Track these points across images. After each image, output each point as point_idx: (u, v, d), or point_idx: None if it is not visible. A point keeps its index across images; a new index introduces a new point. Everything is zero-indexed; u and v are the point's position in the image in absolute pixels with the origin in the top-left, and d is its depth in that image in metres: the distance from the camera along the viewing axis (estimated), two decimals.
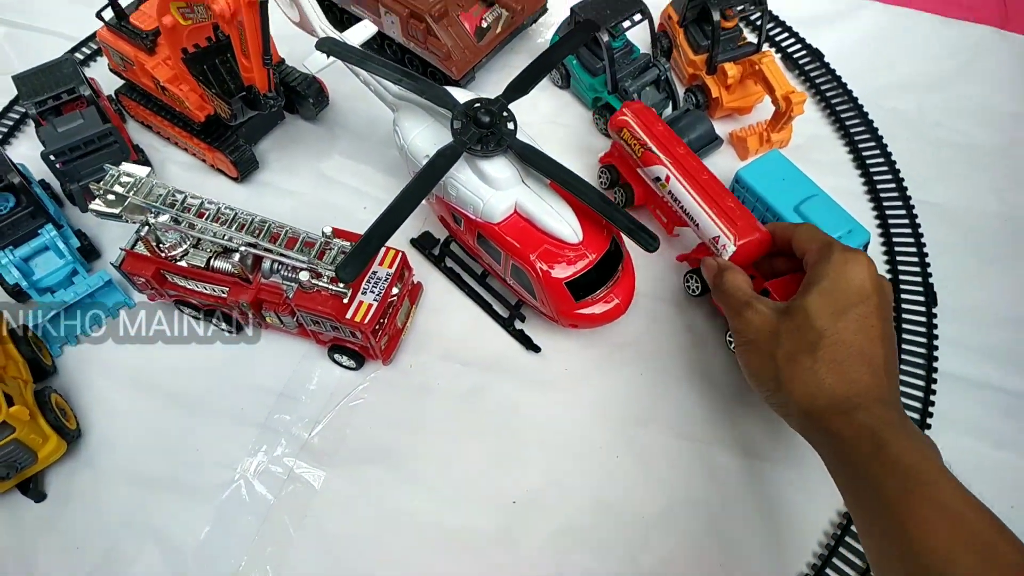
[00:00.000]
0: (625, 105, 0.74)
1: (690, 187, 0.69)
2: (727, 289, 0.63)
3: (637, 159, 0.73)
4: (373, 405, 0.71)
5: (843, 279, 0.56)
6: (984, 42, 0.94)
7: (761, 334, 0.58)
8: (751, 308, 0.60)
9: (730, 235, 0.66)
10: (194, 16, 0.71)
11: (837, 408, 0.53)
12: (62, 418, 0.68)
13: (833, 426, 0.53)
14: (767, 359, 0.57)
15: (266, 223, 0.67)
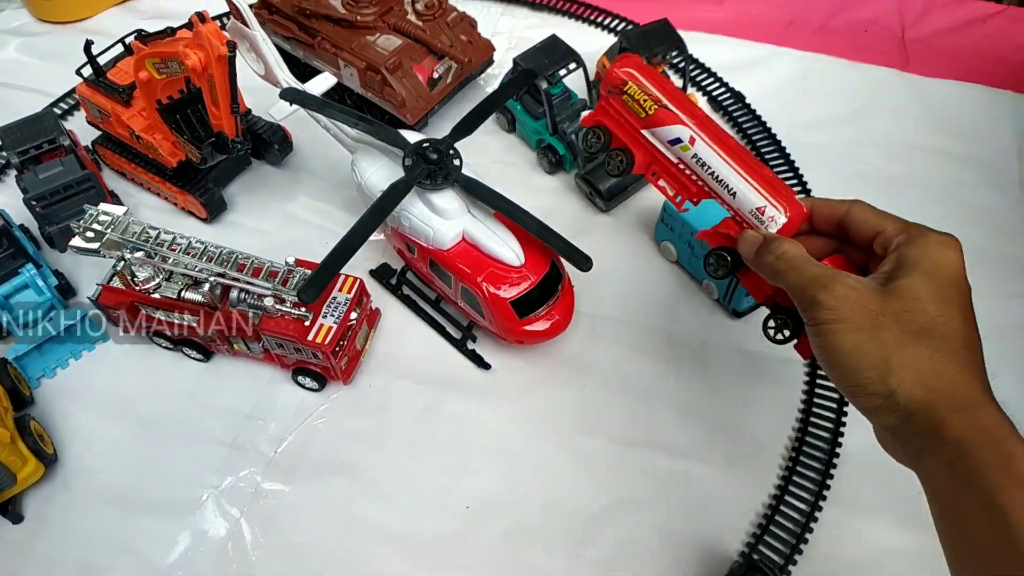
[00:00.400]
0: (623, 57, 0.62)
1: (723, 151, 0.59)
2: (792, 261, 0.52)
3: (645, 118, 0.61)
4: (335, 423, 0.77)
5: (945, 264, 0.49)
6: (886, 82, 1.04)
7: (860, 312, 0.47)
8: (841, 282, 0.48)
9: (779, 206, 0.56)
10: (168, 70, 0.78)
11: (958, 404, 0.44)
12: (40, 443, 0.72)
13: (950, 427, 0.43)
14: (872, 340, 0.46)
15: (233, 254, 0.73)
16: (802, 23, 1.11)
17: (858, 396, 0.48)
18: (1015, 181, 0.94)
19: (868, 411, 0.48)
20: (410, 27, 0.93)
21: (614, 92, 0.62)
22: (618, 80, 0.62)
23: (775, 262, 0.52)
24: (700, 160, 0.59)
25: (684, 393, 0.78)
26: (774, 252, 0.53)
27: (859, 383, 0.47)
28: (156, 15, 1.18)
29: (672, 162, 0.62)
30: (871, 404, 0.47)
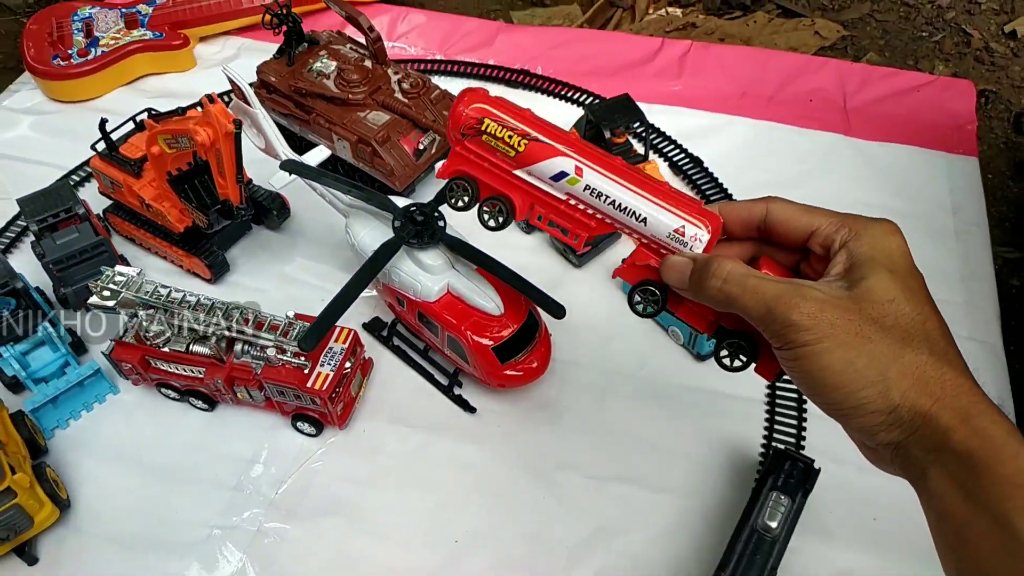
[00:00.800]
0: (467, 92, 0.55)
1: (618, 176, 0.52)
2: (743, 282, 0.45)
3: (515, 157, 0.54)
4: (332, 465, 0.82)
5: (899, 254, 0.45)
6: (832, 146, 1.14)
7: (841, 326, 0.42)
8: (809, 295, 0.43)
9: (698, 221, 0.51)
10: (178, 145, 0.86)
11: (962, 412, 0.40)
12: (55, 488, 0.77)
13: (957, 438, 0.40)
14: (863, 356, 0.41)
15: (238, 309, 0.80)
16: (753, 95, 1.22)
17: (855, 417, 0.43)
18: (951, 232, 1.04)
19: (866, 431, 0.43)
20: (397, 104, 1.03)
21: (469, 134, 0.55)
22: (471, 119, 0.54)
23: (723, 287, 0.46)
24: (594, 191, 0.53)
25: (655, 431, 0.84)
26: (718, 275, 0.46)
27: (857, 404, 0.42)
28: (160, 94, 1.27)
29: (560, 199, 0.55)
30: (871, 423, 0.42)
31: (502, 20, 1.44)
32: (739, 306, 0.46)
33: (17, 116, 1.25)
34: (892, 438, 0.42)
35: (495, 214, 0.59)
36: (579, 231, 0.56)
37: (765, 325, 0.44)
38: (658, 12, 1.46)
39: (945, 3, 1.44)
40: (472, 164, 0.57)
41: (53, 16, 1.29)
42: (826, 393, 0.43)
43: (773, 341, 0.45)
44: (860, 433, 0.44)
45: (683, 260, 0.50)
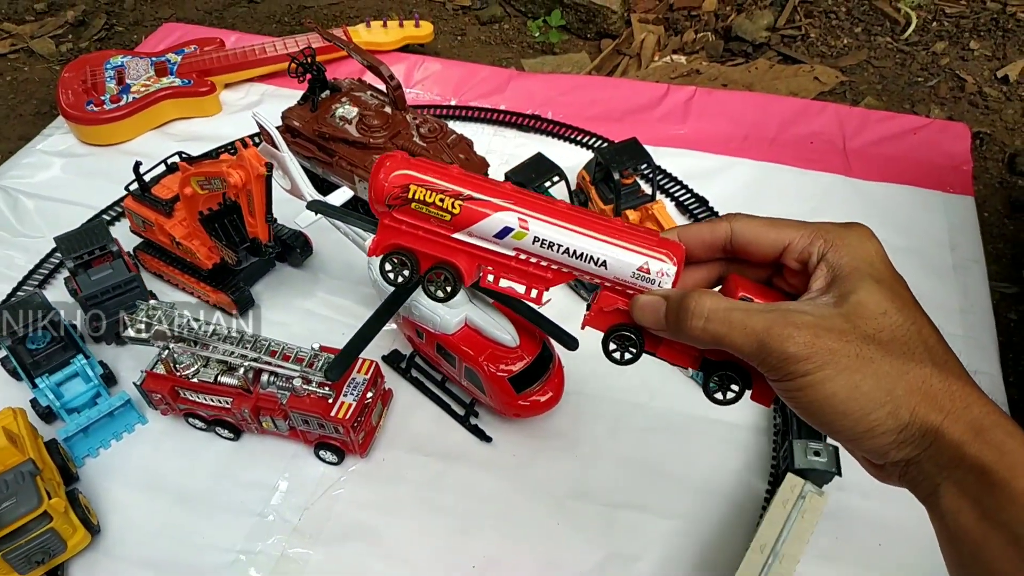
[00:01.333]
0: (383, 160, 0.51)
1: (567, 222, 0.49)
2: (727, 317, 0.42)
3: (451, 220, 0.50)
4: (353, 492, 0.85)
5: (879, 260, 0.43)
6: (832, 186, 1.19)
7: (840, 351, 0.40)
8: (800, 322, 0.40)
9: (663, 256, 0.48)
10: (210, 187, 0.91)
11: (975, 424, 0.39)
12: (87, 513, 0.80)
13: (971, 453, 0.38)
14: (868, 378, 0.39)
15: (266, 341, 0.83)
16: (756, 137, 1.27)
17: (866, 440, 0.40)
18: (949, 268, 1.07)
19: (876, 452, 0.41)
20: (415, 147, 1.08)
21: (396, 204, 0.51)
22: (394, 189, 0.50)
23: (707, 327, 0.43)
24: (544, 241, 0.49)
25: (665, 460, 0.87)
26: (698, 314, 0.43)
27: (867, 427, 0.40)
28: (186, 137, 1.33)
29: (508, 256, 0.51)
30: (881, 444, 0.40)
31: (514, 68, 1.51)
32: (727, 344, 0.42)
33: (50, 159, 1.31)
34: (903, 455, 0.40)
35: (441, 284, 0.53)
36: (535, 285, 0.52)
37: (759, 360, 0.42)
38: (663, 59, 1.52)
39: (939, 50, 1.49)
40: (405, 235, 0.52)
41: (87, 65, 1.36)
42: (834, 421, 0.40)
43: (769, 374, 0.42)
44: (870, 454, 0.42)
45: (654, 299, 0.47)
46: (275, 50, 1.39)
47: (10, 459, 0.76)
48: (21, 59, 1.64)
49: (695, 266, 0.50)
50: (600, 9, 1.54)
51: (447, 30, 1.63)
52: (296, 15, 1.71)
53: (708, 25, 1.59)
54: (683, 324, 0.44)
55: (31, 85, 1.56)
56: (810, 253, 0.45)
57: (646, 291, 0.48)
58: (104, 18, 1.74)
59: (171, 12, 1.75)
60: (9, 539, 0.73)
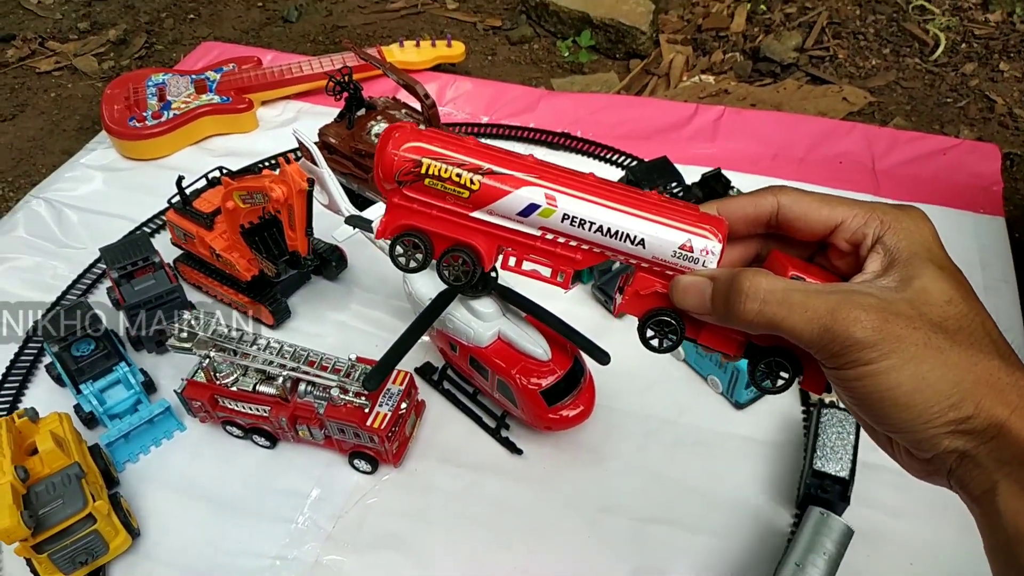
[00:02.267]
0: (391, 130, 0.46)
1: (599, 196, 0.45)
2: (785, 299, 0.39)
3: (470, 198, 0.46)
4: (386, 502, 0.86)
5: (936, 245, 0.41)
6: None
7: (908, 339, 0.37)
8: (866, 307, 0.38)
9: (707, 232, 0.44)
10: (252, 201, 0.93)
11: (1021, 402, 0.37)
12: (128, 517, 0.82)
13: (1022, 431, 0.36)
14: (936, 368, 0.37)
15: (305, 352, 0.86)
16: (785, 156, 1.28)
17: (920, 432, 0.38)
18: (980, 288, 1.05)
19: (928, 443, 0.38)
20: None
21: (407, 180, 0.46)
22: (406, 163, 0.45)
23: (763, 308, 0.39)
24: (575, 219, 0.45)
25: (694, 475, 0.88)
26: (753, 296, 0.40)
27: (927, 420, 0.37)
28: (224, 153, 1.36)
29: (533, 236, 0.46)
30: (934, 435, 0.38)
31: (544, 87, 1.53)
32: (786, 328, 0.39)
33: (93, 172, 1.35)
34: (957, 446, 0.38)
35: (458, 268, 0.48)
36: (563, 267, 0.47)
37: (820, 346, 0.38)
38: (692, 79, 1.54)
39: (969, 71, 1.50)
40: (417, 215, 0.47)
41: (130, 82, 1.40)
42: (892, 413, 0.38)
43: (829, 361, 0.39)
44: (919, 445, 0.39)
45: (699, 280, 0.43)
46: (311, 68, 1.43)
47: (56, 462, 0.79)
48: (65, 76, 1.69)
49: (731, 243, 0.46)
50: (629, 29, 1.57)
51: (478, 50, 1.66)
52: (330, 34, 1.75)
53: (736, 46, 1.61)
54: (735, 307, 0.40)
55: (74, 101, 1.62)
56: (864, 234, 0.42)
57: (688, 271, 0.44)
58: (144, 37, 1.79)
59: (209, 31, 1.80)
60: (55, 539, 0.75)
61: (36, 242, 1.21)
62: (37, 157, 1.48)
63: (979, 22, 1.59)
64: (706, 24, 1.66)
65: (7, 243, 1.21)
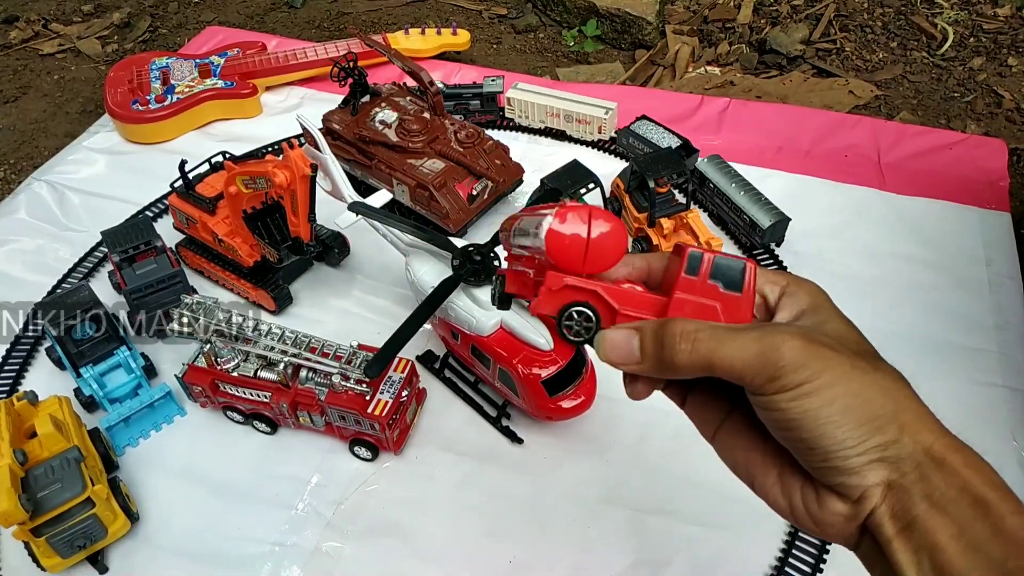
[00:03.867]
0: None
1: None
2: (713, 337, 0.39)
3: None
4: (386, 489, 0.86)
5: (836, 309, 0.42)
6: (866, 199, 1.18)
7: (836, 360, 0.38)
8: (792, 334, 0.38)
9: (549, 211, 0.41)
10: (255, 186, 0.93)
11: (956, 449, 0.37)
12: (127, 501, 0.82)
13: (965, 478, 0.36)
14: (869, 385, 0.37)
15: (307, 338, 0.85)
16: (790, 149, 1.27)
17: (851, 455, 0.37)
18: (984, 284, 1.06)
19: (858, 471, 0.37)
20: (453, 152, 1.10)
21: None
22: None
23: (696, 346, 0.39)
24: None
25: (694, 467, 0.87)
26: (686, 338, 0.39)
27: (856, 441, 0.37)
28: (227, 138, 1.35)
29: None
30: (862, 462, 0.37)
31: (548, 76, 1.52)
32: (718, 359, 0.38)
33: (95, 155, 1.34)
34: (883, 476, 0.37)
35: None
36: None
37: (755, 372, 0.38)
38: (697, 71, 1.53)
39: (976, 65, 1.49)
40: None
41: (134, 65, 1.39)
42: (827, 432, 0.37)
43: (762, 388, 0.38)
44: (848, 477, 0.38)
45: (623, 332, 0.42)
46: (316, 55, 1.42)
47: (56, 445, 0.79)
48: (68, 59, 1.69)
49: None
50: (635, 19, 1.56)
51: (483, 38, 1.65)
52: (335, 21, 1.75)
53: (743, 37, 1.60)
54: (667, 352, 0.40)
55: (77, 84, 1.61)
56: (774, 289, 0.43)
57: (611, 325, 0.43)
58: (148, 20, 1.78)
59: (213, 16, 1.79)
60: (54, 523, 0.75)
61: (38, 225, 1.21)
62: (39, 139, 1.47)
63: (988, 16, 1.58)
64: (712, 15, 1.64)
65: (9, 225, 1.21)
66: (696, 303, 0.42)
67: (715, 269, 0.41)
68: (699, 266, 0.42)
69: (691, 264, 0.41)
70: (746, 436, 0.45)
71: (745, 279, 0.41)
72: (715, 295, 0.42)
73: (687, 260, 0.41)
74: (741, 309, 0.42)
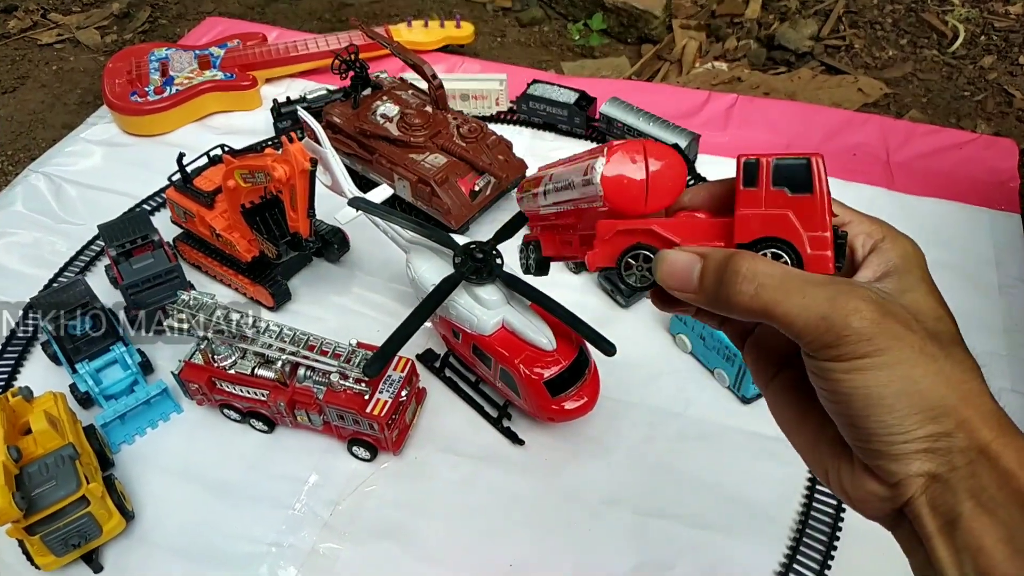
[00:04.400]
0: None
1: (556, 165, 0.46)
2: (776, 284, 0.36)
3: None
4: (384, 490, 0.85)
5: (927, 271, 0.39)
6: (875, 199, 1.17)
7: (906, 339, 0.35)
8: (867, 299, 0.35)
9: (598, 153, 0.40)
10: (253, 180, 0.91)
11: (1020, 454, 0.35)
12: (122, 499, 0.81)
13: (1015, 478, 0.34)
14: (929, 376, 0.35)
15: (305, 336, 0.84)
16: (798, 147, 1.25)
17: (898, 440, 0.35)
18: (994, 286, 1.05)
19: (899, 459, 0.35)
20: (455, 147, 1.08)
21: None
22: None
23: (759, 292, 0.36)
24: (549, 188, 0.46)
25: (699, 469, 0.86)
26: (749, 278, 0.36)
27: (907, 428, 0.35)
28: (226, 131, 1.34)
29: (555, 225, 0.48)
30: (909, 450, 0.35)
31: (553, 71, 1.50)
32: (779, 313, 0.35)
33: (93, 147, 1.33)
34: (928, 468, 0.35)
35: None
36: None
37: (815, 336, 0.35)
38: (704, 66, 1.51)
39: (987, 64, 1.47)
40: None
41: (132, 56, 1.38)
42: (876, 414, 0.35)
43: (820, 352, 0.36)
44: (889, 462, 0.36)
45: (687, 256, 0.39)
46: (317, 47, 1.40)
47: (50, 442, 0.77)
48: (67, 49, 1.67)
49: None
50: (642, 13, 1.54)
51: (487, 31, 1.63)
52: (337, 12, 1.73)
53: (751, 33, 1.58)
54: (728, 288, 0.37)
55: (76, 75, 1.59)
56: (866, 239, 0.40)
57: (672, 245, 0.39)
58: (148, 11, 1.76)
59: (213, 7, 1.77)
60: (48, 521, 0.74)
61: (35, 217, 1.20)
62: (37, 131, 1.46)
63: (999, 14, 1.56)
64: (720, 10, 1.62)
65: (5, 218, 1.19)
66: (764, 216, 0.37)
67: (776, 172, 0.37)
68: (758, 173, 0.38)
69: (748, 173, 0.38)
70: (793, 393, 0.42)
71: (814, 176, 0.37)
72: (783, 202, 0.37)
73: (742, 170, 0.38)
74: (816, 212, 0.37)
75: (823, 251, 0.37)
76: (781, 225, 0.37)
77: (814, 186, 0.37)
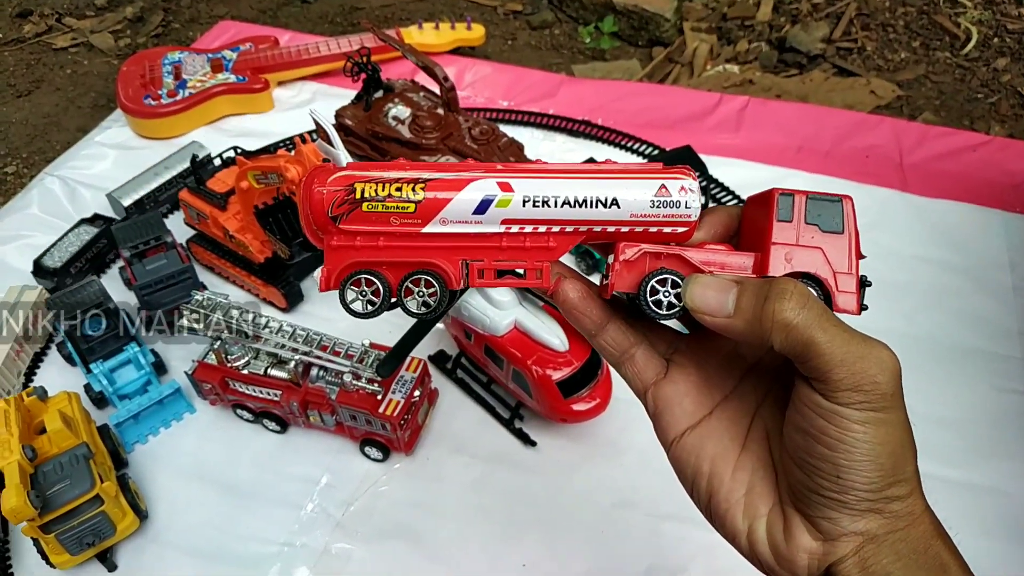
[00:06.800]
0: (311, 174, 0.40)
1: (551, 172, 0.40)
2: (820, 324, 0.35)
3: (416, 212, 0.39)
4: (396, 490, 0.85)
5: None
6: (888, 201, 1.16)
7: (902, 407, 0.36)
8: (890, 362, 0.35)
9: (680, 174, 0.40)
10: (267, 181, 0.92)
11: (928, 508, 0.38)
12: (136, 499, 0.81)
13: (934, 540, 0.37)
14: (904, 446, 0.36)
15: (318, 336, 0.84)
16: (810, 149, 1.25)
17: (863, 495, 0.36)
18: (1008, 288, 1.04)
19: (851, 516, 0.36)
20: (467, 149, 1.08)
21: (343, 212, 0.39)
22: (337, 195, 0.39)
23: (806, 314, 0.34)
24: (538, 199, 0.39)
25: None
26: (795, 295, 0.35)
27: (881, 484, 0.35)
28: (239, 133, 1.34)
29: (497, 234, 0.40)
30: (864, 507, 0.36)
31: (564, 73, 1.50)
32: (820, 341, 0.34)
33: (107, 150, 1.33)
34: (868, 528, 0.36)
35: (423, 295, 0.41)
36: (538, 260, 0.40)
37: (847, 375, 0.34)
38: (716, 69, 1.51)
39: (1001, 66, 1.46)
40: (363, 250, 0.40)
41: (146, 60, 1.38)
42: (868, 468, 0.35)
43: (842, 395, 0.34)
44: (842, 514, 0.36)
45: (720, 281, 0.37)
46: (329, 49, 1.41)
47: (65, 442, 0.78)
48: (81, 53, 1.68)
49: None
50: (653, 16, 1.54)
51: (498, 34, 1.64)
52: (348, 16, 1.73)
53: (762, 35, 1.58)
54: (772, 305, 0.35)
55: (90, 78, 1.60)
56: None
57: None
58: (161, 15, 1.78)
59: (226, 10, 1.78)
60: (62, 520, 0.74)
61: (50, 220, 1.20)
62: (52, 134, 1.47)
63: (1012, 16, 1.55)
64: (731, 13, 1.62)
65: (21, 220, 1.20)
66: (797, 249, 0.38)
67: (810, 209, 0.38)
68: (792, 208, 0.38)
69: (782, 208, 0.38)
70: (729, 438, 0.42)
71: (845, 217, 0.38)
72: (815, 239, 0.38)
73: (777, 204, 0.38)
74: (844, 252, 0.38)
75: (850, 292, 0.38)
76: (814, 261, 0.38)
77: (845, 226, 0.38)
